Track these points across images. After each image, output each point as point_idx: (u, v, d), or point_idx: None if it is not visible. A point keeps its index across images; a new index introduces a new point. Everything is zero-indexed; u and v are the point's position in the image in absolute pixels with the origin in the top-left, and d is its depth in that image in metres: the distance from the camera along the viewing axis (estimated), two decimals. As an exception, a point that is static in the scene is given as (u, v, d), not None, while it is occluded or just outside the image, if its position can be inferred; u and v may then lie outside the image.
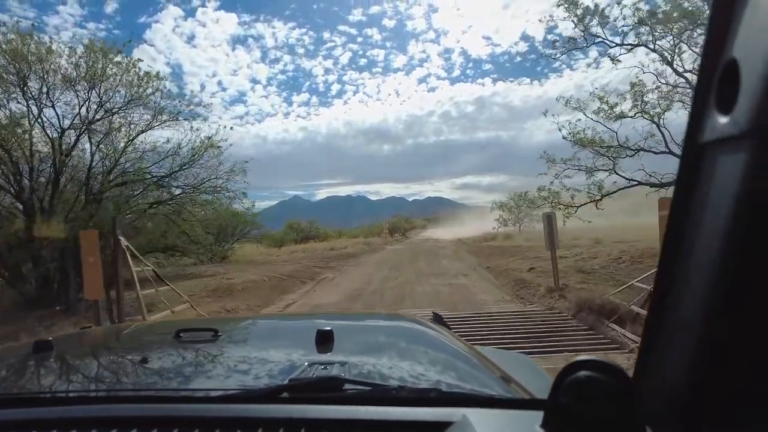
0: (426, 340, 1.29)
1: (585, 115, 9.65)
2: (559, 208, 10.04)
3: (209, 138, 11.17)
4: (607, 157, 9.15)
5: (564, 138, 9.79)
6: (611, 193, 9.07)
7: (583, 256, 9.44)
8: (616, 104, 9.17)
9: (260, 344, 1.32)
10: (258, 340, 1.38)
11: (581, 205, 9.73)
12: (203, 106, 11.55)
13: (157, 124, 11.10)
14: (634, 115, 9.01)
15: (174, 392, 0.86)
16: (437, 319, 1.90)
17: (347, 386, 0.77)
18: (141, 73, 9.77)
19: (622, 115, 9.11)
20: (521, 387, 0.97)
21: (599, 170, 9.26)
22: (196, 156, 10.98)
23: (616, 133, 9.29)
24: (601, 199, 9.37)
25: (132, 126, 10.74)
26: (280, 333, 1.49)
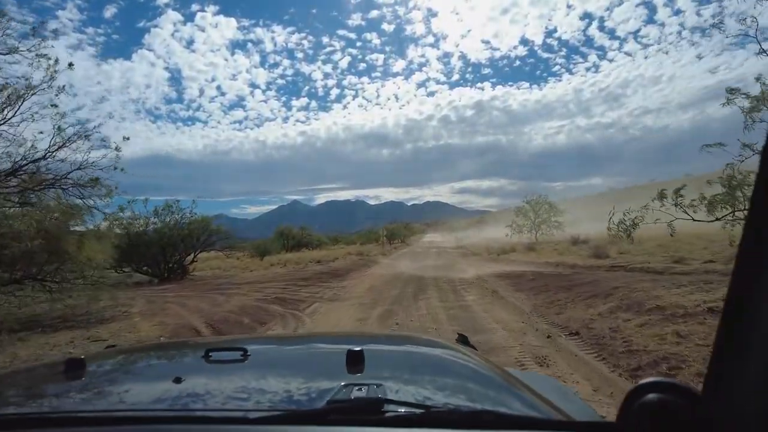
0: (458, 362, 1.23)
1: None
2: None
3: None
4: None
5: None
6: None
7: None
8: None
9: (290, 364, 1.28)
10: (288, 360, 1.34)
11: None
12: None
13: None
14: None
15: (210, 412, 0.83)
16: (463, 340, 1.70)
17: (392, 407, 0.74)
18: None
19: None
20: (558, 409, 0.91)
21: None
22: None
23: None
24: None
25: None
26: (309, 353, 1.46)
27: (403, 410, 0.73)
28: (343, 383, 0.86)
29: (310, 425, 0.70)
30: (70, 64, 6.19)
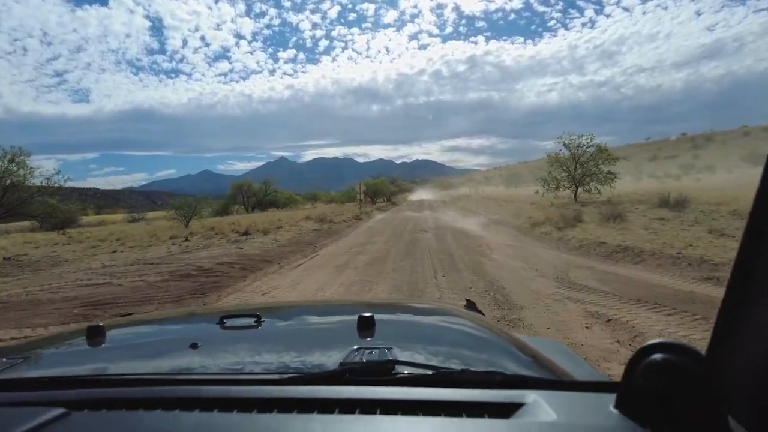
0: (466, 326, 1.22)
1: None
2: None
3: None
4: None
5: None
6: None
7: None
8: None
9: (303, 329, 1.28)
10: (300, 326, 1.34)
11: None
12: None
13: None
14: None
15: (228, 375, 0.81)
16: (471, 306, 1.69)
17: (402, 369, 0.74)
18: None
19: None
20: (565, 372, 0.93)
21: None
22: None
23: None
24: None
25: None
26: (320, 319, 1.45)
27: (413, 371, 0.74)
28: (355, 347, 0.87)
29: (325, 386, 0.71)
30: None
